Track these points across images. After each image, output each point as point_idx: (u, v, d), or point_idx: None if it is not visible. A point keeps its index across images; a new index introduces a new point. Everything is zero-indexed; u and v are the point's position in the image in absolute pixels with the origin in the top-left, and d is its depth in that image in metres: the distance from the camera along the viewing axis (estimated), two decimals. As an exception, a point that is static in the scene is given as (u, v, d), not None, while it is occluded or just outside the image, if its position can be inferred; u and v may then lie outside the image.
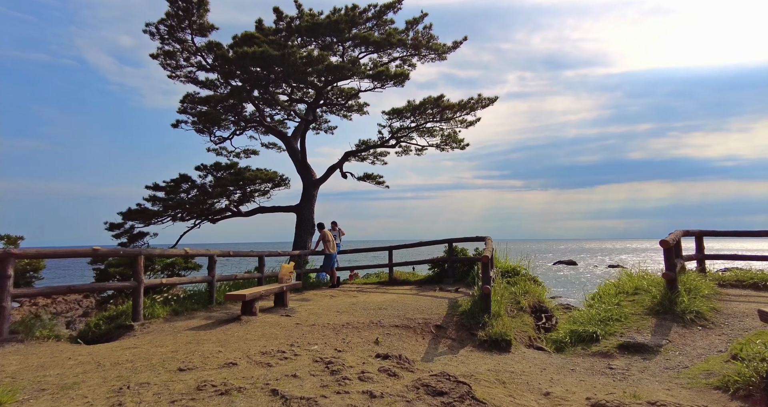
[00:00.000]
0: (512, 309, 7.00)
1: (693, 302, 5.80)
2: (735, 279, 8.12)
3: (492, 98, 13.32)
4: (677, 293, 5.90)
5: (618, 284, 7.24)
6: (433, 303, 7.21)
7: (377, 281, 11.08)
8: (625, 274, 8.14)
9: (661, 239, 6.13)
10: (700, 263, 8.32)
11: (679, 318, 5.58)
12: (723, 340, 4.93)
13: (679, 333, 5.20)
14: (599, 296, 6.85)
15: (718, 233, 8.43)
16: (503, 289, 7.73)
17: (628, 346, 4.88)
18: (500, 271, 9.03)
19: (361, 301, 7.85)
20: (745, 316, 5.76)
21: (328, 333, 5.46)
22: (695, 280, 6.79)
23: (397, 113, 14.02)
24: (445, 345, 5.42)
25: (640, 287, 6.83)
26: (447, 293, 8.46)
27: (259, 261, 8.58)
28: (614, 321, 5.72)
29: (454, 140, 15.55)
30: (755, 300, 6.75)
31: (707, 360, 4.33)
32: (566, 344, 5.47)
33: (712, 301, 6.36)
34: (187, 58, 12.81)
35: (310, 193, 14.04)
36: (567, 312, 10.66)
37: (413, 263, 11.21)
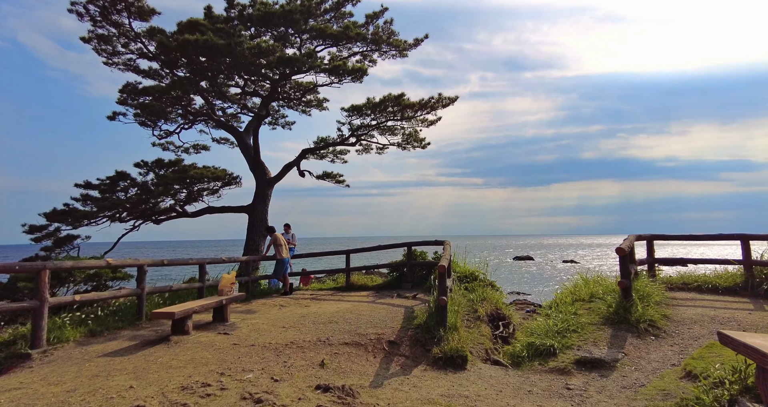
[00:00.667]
0: (469, 319, 6.73)
1: (646, 311, 5.74)
2: (681, 282, 8.31)
3: (452, 98, 13.11)
4: (631, 302, 5.83)
5: (574, 290, 7.15)
6: (389, 314, 6.81)
7: (334, 286, 10.57)
8: (581, 279, 8.10)
9: (617, 247, 6.05)
10: (651, 267, 8.45)
11: (633, 327, 5.49)
12: (675, 351, 4.85)
13: (634, 345, 5.08)
14: (556, 305, 6.71)
15: (668, 237, 8.60)
16: (461, 297, 7.46)
17: (585, 362, 4.68)
18: (458, 276, 8.79)
19: (312, 312, 7.32)
20: (693, 323, 5.77)
21: (269, 354, 4.91)
22: (647, 286, 6.80)
23: (357, 110, 13.51)
24: (398, 363, 5.01)
25: (596, 295, 6.76)
26: (404, 301, 8.11)
27: (200, 270, 7.82)
28: (571, 332, 5.55)
29: (416, 139, 15.27)
30: (700, 305, 6.86)
31: (662, 376, 4.19)
32: (523, 358, 5.23)
33: (663, 307, 6.37)
34: (126, 44, 11.63)
35: (264, 192, 13.26)
36: (528, 313, 10.64)
37: (371, 267, 10.79)
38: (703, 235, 8.49)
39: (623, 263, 6.09)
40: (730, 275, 8.07)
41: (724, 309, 6.50)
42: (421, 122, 14.23)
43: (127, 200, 11.58)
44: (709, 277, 8.20)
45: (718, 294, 7.62)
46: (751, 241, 7.90)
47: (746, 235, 7.91)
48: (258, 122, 13.63)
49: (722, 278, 8.02)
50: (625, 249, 6.00)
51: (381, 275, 11.39)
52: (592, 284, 7.56)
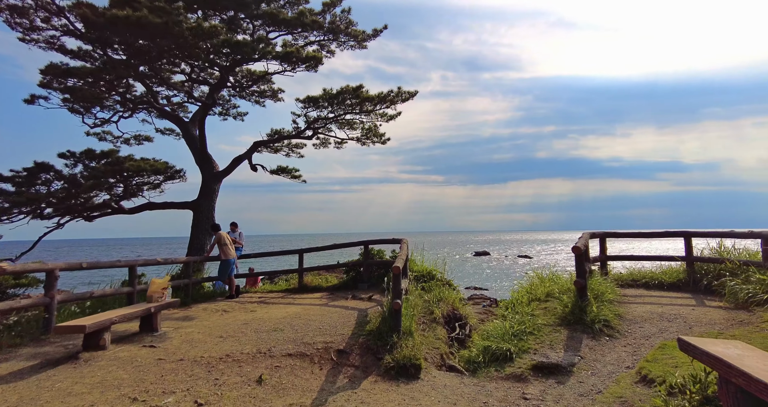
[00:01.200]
0: (425, 321, 6.42)
1: (601, 310, 5.68)
2: (630, 279, 8.49)
3: (412, 92, 12.80)
4: (587, 302, 5.75)
5: (530, 289, 7.04)
6: (341, 319, 6.36)
7: (286, 288, 9.96)
8: (537, 278, 8.06)
9: (574, 246, 5.96)
10: (603, 265, 8.56)
11: (588, 328, 5.39)
12: (629, 352, 4.77)
13: (589, 347, 4.96)
14: (513, 305, 6.56)
15: (620, 234, 8.76)
16: (417, 298, 7.15)
17: (542, 367, 4.48)
18: (415, 276, 8.49)
19: (257, 318, 6.72)
20: (644, 321, 5.79)
21: (199, 371, 4.32)
22: (601, 284, 6.81)
23: (313, 102, 12.87)
24: (347, 375, 4.59)
25: (552, 294, 6.67)
26: (359, 303, 7.69)
27: (130, 273, 6.96)
28: (528, 335, 5.37)
29: (375, 134, 14.85)
30: (649, 301, 6.97)
31: (618, 380, 4.04)
32: (480, 364, 4.97)
33: (615, 306, 6.38)
34: (47, 18, 10.28)
35: (211, 187, 12.34)
36: (485, 308, 10.54)
37: (326, 267, 10.27)
38: (651, 232, 8.72)
39: (579, 262, 6.01)
40: (674, 271, 8.33)
41: (671, 305, 6.62)
42: (380, 117, 13.82)
43: (50, 194, 10.30)
44: (655, 273, 8.43)
45: (663, 290, 7.83)
46: (693, 238, 8.18)
47: (689, 232, 8.17)
48: (204, 111, 12.64)
49: (667, 274, 8.26)
50: (581, 248, 5.92)
51: (338, 275, 10.92)
52: (548, 282, 7.50)
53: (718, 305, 6.47)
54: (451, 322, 7.07)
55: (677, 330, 5.32)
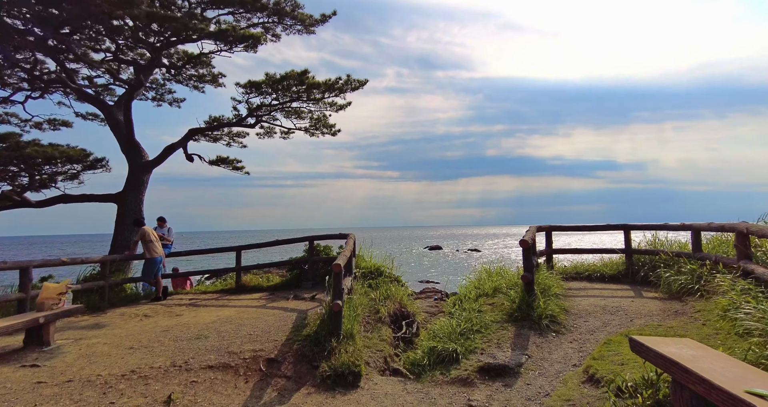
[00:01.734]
0: (370, 321, 6.00)
1: (548, 305, 5.56)
2: (574, 272, 8.62)
3: (362, 81, 12.29)
4: (534, 297, 5.61)
5: (478, 284, 6.85)
6: (277, 322, 5.77)
7: (222, 288, 9.13)
8: (485, 272, 7.92)
9: (521, 239, 5.80)
10: (549, 258, 8.61)
11: (536, 324, 5.24)
12: (575, 348, 4.64)
13: (536, 344, 4.79)
14: (460, 302, 6.32)
15: (565, 227, 8.86)
16: (362, 296, 6.71)
17: (489, 369, 4.22)
18: (363, 272, 8.06)
19: (182, 323, 5.95)
20: (588, 315, 5.76)
21: (90, 394, 3.58)
22: (548, 278, 6.75)
23: (256, 87, 11.96)
24: (276, 388, 4.05)
25: (499, 289, 6.51)
26: (300, 303, 7.12)
27: (21, 276, 5.88)
28: (475, 333, 5.11)
29: (325, 125, 14.18)
30: (592, 294, 7.03)
31: (565, 380, 3.86)
32: (425, 367, 4.63)
33: (561, 300, 6.33)
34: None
35: (139, 178, 11.09)
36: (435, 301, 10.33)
37: (267, 265, 9.55)
38: (594, 226, 8.91)
39: (527, 256, 5.86)
40: (614, 263, 8.55)
41: (612, 297, 6.70)
42: (329, 106, 13.17)
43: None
44: (597, 266, 8.62)
45: (605, 282, 7.99)
46: (632, 231, 8.44)
47: (628, 225, 8.42)
48: (130, 93, 11.30)
49: (608, 266, 8.46)
50: (529, 241, 5.77)
51: (281, 273, 10.23)
52: (495, 276, 7.37)
53: (654, 295, 6.64)
54: (398, 321, 6.72)
55: (619, 322, 5.31)
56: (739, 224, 5.41)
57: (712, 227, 6.30)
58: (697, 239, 6.87)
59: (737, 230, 5.37)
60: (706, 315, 4.88)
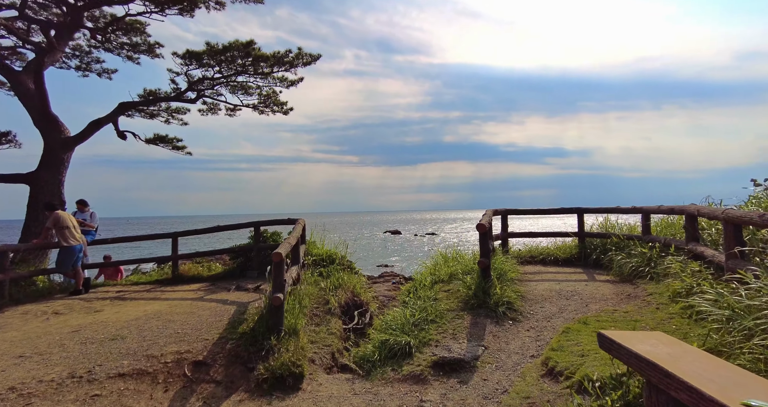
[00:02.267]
0: (319, 313, 5.53)
1: (504, 292, 5.34)
2: (529, 255, 8.59)
3: (314, 55, 11.46)
4: (490, 283, 5.37)
5: (434, 270, 6.55)
6: (212, 317, 5.14)
7: (157, 278, 8.25)
8: (441, 257, 7.65)
9: (478, 223, 5.51)
10: (505, 242, 8.50)
11: (492, 312, 5.00)
12: (533, 337, 4.44)
13: (493, 333, 4.54)
14: (415, 289, 5.99)
15: (520, 211, 8.78)
16: (312, 286, 6.21)
17: (444, 364, 3.89)
18: (314, 260, 7.53)
19: (98, 321, 5.16)
20: (544, 300, 5.62)
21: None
22: (504, 263, 6.58)
23: (196, 58, 10.79)
24: (201, 396, 3.49)
25: (455, 274, 6.24)
26: (243, 295, 6.49)
27: None
28: (430, 323, 4.79)
29: (275, 102, 13.22)
30: (547, 278, 6.97)
31: (524, 374, 3.60)
32: (375, 362, 4.24)
33: (517, 285, 6.17)
34: None
35: (57, 156, 9.72)
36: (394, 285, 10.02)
37: (207, 253, 8.74)
38: (548, 209, 8.89)
39: (483, 240, 5.59)
40: (567, 246, 8.60)
41: (566, 281, 6.66)
42: (279, 82, 12.22)
43: None
44: (551, 249, 8.63)
45: (558, 266, 8.00)
46: (585, 214, 8.50)
47: (581, 209, 8.45)
48: (41, 58, 9.77)
49: (561, 249, 8.50)
50: (486, 225, 5.49)
51: (225, 262, 9.45)
52: (451, 262, 7.11)
53: (607, 278, 6.67)
54: (349, 311, 6.29)
55: (575, 308, 5.19)
56: (688, 206, 5.42)
57: (662, 210, 6.34)
58: (647, 222, 6.95)
59: (687, 212, 5.37)
60: (657, 298, 4.84)
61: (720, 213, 4.08)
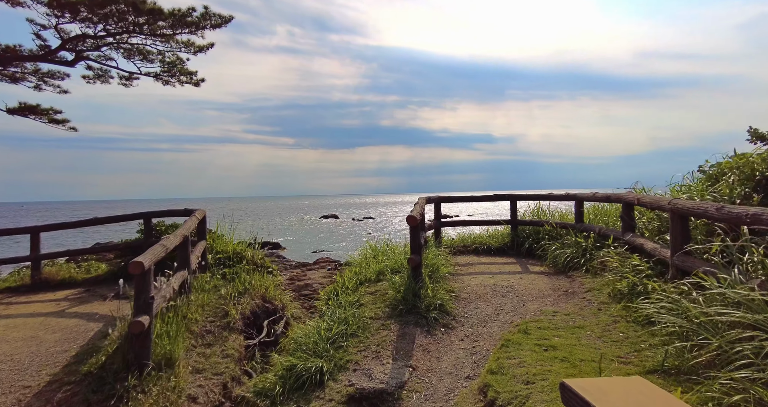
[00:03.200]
0: (213, 329, 4.44)
1: (436, 292, 4.67)
2: (462, 245, 8.13)
3: (225, 17, 9.81)
4: (422, 283, 4.66)
5: (360, 270, 5.72)
6: (58, 345, 3.83)
7: (8, 285, 6.47)
8: (370, 250, 6.86)
9: (409, 215, 4.75)
10: (438, 232, 7.94)
11: (423, 318, 4.30)
12: (468, 350, 3.80)
13: (423, 347, 3.83)
14: (336, 293, 5.11)
15: (453, 198, 8.24)
16: (209, 293, 5.07)
17: (362, 397, 3.09)
18: (218, 259, 6.32)
19: None
20: (478, 299, 5.07)
21: None
22: (436, 256, 5.95)
23: (70, 8, 8.66)
24: None
25: (384, 272, 5.47)
26: (123, 305, 5.14)
27: None
28: (350, 338, 3.96)
29: (183, 71, 11.34)
30: (480, 270, 6.50)
31: (457, 405, 2.91)
32: (277, 397, 3.32)
33: (450, 281, 5.57)
34: None
35: None
36: (329, 272, 9.06)
37: (80, 252, 7.10)
38: (481, 196, 8.46)
39: (414, 234, 4.85)
40: (499, 235, 8.27)
41: (500, 274, 6.22)
42: (185, 47, 10.41)
43: None
44: (484, 238, 8.25)
45: (491, 255, 7.62)
46: (518, 201, 8.19)
47: (514, 195, 8.13)
48: None
49: (494, 238, 8.14)
50: (417, 217, 4.75)
51: (111, 262, 7.81)
52: (381, 256, 6.34)
53: (541, 270, 6.34)
54: (258, 320, 5.27)
55: (512, 307, 4.68)
56: (626, 194, 5.12)
57: (597, 198, 6.08)
58: (580, 210, 6.72)
59: (624, 201, 5.07)
60: (597, 295, 4.47)
61: (666, 203, 3.69)
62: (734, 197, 3.66)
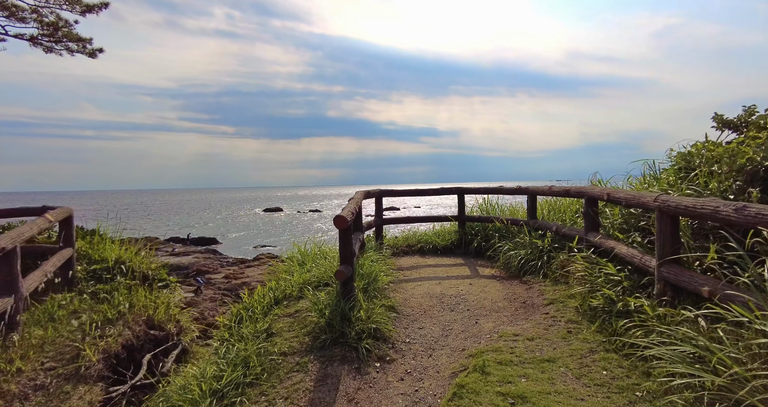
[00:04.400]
0: (50, 380, 3.09)
1: (371, 313, 3.68)
2: (406, 244, 7.26)
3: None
4: (353, 302, 3.64)
5: (278, 285, 4.56)
6: None
7: None
8: (298, 253, 5.73)
9: (337, 216, 3.67)
10: (379, 231, 6.98)
11: (352, 350, 3.28)
12: (410, 396, 2.84)
13: (349, 398, 2.81)
14: (238, 320, 3.93)
15: (397, 192, 7.30)
16: (61, 323, 3.67)
17: None
18: (92, 271, 4.84)
19: None
20: (424, 315, 4.18)
21: None
22: (374, 263, 4.97)
23: None
24: None
25: (309, 284, 4.38)
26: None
27: None
28: (248, 389, 2.84)
29: (70, 37, 9.26)
30: (425, 274, 5.67)
31: None
32: None
33: (390, 293, 4.62)
34: None
35: None
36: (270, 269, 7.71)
37: None
38: (427, 189, 7.60)
39: (345, 240, 3.79)
40: (446, 232, 7.51)
41: (448, 279, 5.41)
42: (67, 3, 8.40)
43: None
44: (429, 235, 7.44)
45: (437, 255, 6.83)
46: (466, 195, 7.46)
47: (462, 189, 7.38)
48: None
49: (440, 236, 7.36)
50: (347, 219, 3.69)
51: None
52: (309, 262, 5.24)
53: (492, 273, 5.61)
54: (135, 356, 3.95)
55: (463, 326, 3.83)
56: (591, 188, 4.44)
57: (554, 192, 5.41)
58: (534, 205, 6.07)
59: (589, 195, 4.39)
60: (561, 309, 3.73)
61: (651, 200, 2.96)
62: (726, 192, 3.01)
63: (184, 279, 24.82)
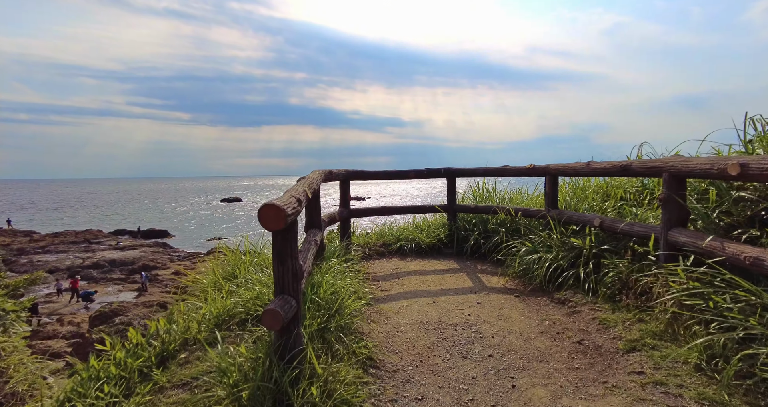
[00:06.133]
0: None
1: (334, 384, 1.96)
2: (381, 242, 5.57)
3: None
4: (297, 364, 1.90)
5: (180, 315, 2.72)
6: None
7: None
8: (215, 267, 3.89)
9: (265, 204, 1.89)
10: (346, 225, 5.23)
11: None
12: None
13: None
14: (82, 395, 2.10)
15: (369, 174, 5.52)
16: None
17: None
18: None
19: None
20: (419, 371, 2.54)
21: None
22: (340, 277, 3.23)
23: None
24: None
25: (233, 320, 2.58)
26: None
27: None
28: None
29: None
30: (411, 287, 4.04)
31: None
32: None
33: (362, 329, 2.93)
34: None
35: None
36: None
37: None
38: (407, 171, 5.88)
39: (283, 250, 2.03)
40: (432, 226, 5.88)
41: (445, 294, 3.80)
42: None
43: None
44: (410, 231, 5.77)
45: (423, 257, 5.21)
46: (457, 178, 5.84)
47: (452, 170, 5.74)
48: None
49: (425, 231, 5.72)
50: (286, 211, 1.92)
51: None
52: (242, 277, 3.40)
53: (504, 284, 4.05)
54: None
55: (491, 395, 2.20)
56: (684, 158, 2.86)
57: (601, 170, 3.83)
58: (555, 190, 4.51)
59: (676, 170, 2.83)
60: (664, 366, 2.17)
61: None
62: None
63: (127, 276, 22.03)
